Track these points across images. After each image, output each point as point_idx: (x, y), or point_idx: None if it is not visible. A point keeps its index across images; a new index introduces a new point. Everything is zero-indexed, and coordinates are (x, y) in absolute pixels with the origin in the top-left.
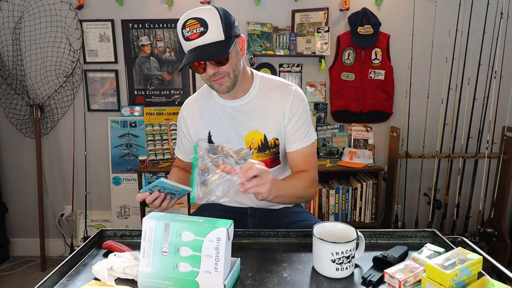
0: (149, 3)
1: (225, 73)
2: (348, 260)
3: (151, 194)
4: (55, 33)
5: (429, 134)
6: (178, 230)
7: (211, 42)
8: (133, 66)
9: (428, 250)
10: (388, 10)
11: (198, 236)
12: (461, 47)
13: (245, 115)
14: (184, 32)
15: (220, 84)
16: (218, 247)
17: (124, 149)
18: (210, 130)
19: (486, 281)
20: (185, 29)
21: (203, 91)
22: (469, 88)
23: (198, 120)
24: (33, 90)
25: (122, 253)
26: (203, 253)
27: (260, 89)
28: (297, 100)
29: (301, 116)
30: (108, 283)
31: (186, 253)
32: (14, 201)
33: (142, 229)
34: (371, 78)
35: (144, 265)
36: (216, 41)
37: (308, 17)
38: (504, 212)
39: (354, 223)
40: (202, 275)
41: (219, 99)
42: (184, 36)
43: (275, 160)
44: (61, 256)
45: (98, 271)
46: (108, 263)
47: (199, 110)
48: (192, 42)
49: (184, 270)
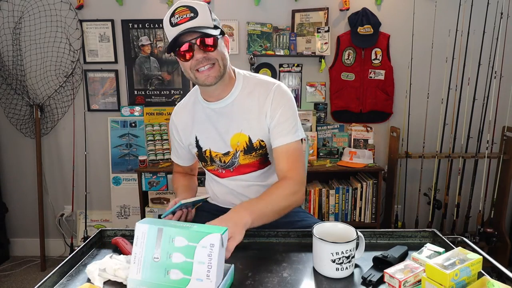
0: (149, 3)
1: (214, 60)
2: (348, 260)
3: (174, 215)
4: (55, 33)
5: (429, 134)
6: (171, 236)
7: (200, 25)
8: (133, 66)
9: (428, 250)
10: (388, 10)
11: (191, 242)
12: (461, 47)
13: (228, 117)
14: (173, 19)
15: (207, 75)
16: (211, 253)
17: (124, 149)
18: (197, 135)
19: (486, 281)
20: (174, 17)
21: (191, 96)
22: (469, 88)
23: (186, 126)
24: (33, 90)
25: (117, 256)
26: (196, 260)
27: (243, 88)
28: (278, 97)
29: (284, 112)
30: (96, 284)
31: (178, 259)
32: (14, 201)
33: (134, 234)
34: (371, 78)
35: (135, 272)
36: (205, 26)
37: (308, 17)
38: (504, 212)
39: (354, 223)
40: (193, 283)
41: (203, 101)
42: (172, 23)
43: (264, 161)
44: (61, 256)
45: (91, 271)
46: (102, 263)
47: (186, 115)
48: (181, 26)
49: (175, 277)
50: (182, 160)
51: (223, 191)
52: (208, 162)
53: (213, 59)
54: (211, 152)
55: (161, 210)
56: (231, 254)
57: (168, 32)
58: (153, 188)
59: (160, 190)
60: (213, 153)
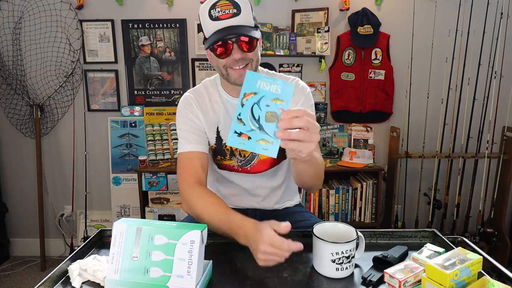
0: (149, 3)
1: (249, 60)
2: (348, 260)
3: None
4: (55, 33)
5: (429, 134)
6: (151, 234)
7: (243, 25)
8: (133, 66)
9: (428, 250)
10: (388, 10)
11: (171, 240)
12: (461, 47)
13: None
14: (213, 12)
15: (241, 75)
16: (192, 250)
17: (124, 149)
18: (219, 125)
19: (486, 281)
20: (215, 9)
21: (206, 85)
22: (469, 88)
23: (207, 113)
24: (33, 90)
25: (99, 256)
26: (176, 257)
27: None
28: (300, 92)
29: (304, 104)
30: (73, 285)
31: (158, 257)
32: (14, 201)
33: (112, 233)
34: (371, 78)
35: (112, 272)
36: (247, 25)
37: (308, 17)
38: (504, 212)
39: (354, 223)
40: (174, 279)
41: (226, 95)
42: (212, 16)
43: (281, 156)
44: (61, 256)
45: (72, 270)
46: (83, 264)
47: (206, 104)
48: (223, 22)
49: (155, 275)
50: (202, 146)
51: (233, 192)
52: (227, 156)
53: (249, 60)
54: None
55: (161, 210)
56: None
57: (206, 25)
58: (153, 188)
59: (160, 190)
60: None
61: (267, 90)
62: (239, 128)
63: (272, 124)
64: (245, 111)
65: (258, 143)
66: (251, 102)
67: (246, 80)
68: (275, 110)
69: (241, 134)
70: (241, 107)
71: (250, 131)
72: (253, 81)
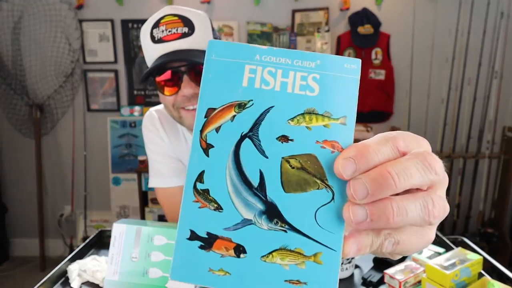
0: (149, 3)
1: None
2: (348, 260)
3: None
4: (54, 33)
5: (430, 134)
6: (150, 235)
7: (196, 48)
8: (133, 66)
9: (428, 250)
10: (388, 10)
11: (170, 240)
12: (461, 47)
13: None
14: (156, 32)
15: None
16: None
17: (124, 149)
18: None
19: (487, 282)
20: (158, 28)
21: (161, 116)
22: (470, 88)
23: (174, 140)
24: (32, 90)
25: (99, 257)
26: None
27: None
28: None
29: None
30: (72, 285)
31: (157, 258)
32: (14, 201)
33: (111, 234)
34: (371, 78)
35: (111, 273)
36: (203, 49)
37: (308, 17)
38: (504, 212)
39: None
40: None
41: (186, 132)
42: (154, 38)
43: None
44: (61, 256)
45: (71, 270)
46: (83, 264)
47: (175, 129)
48: (168, 44)
49: (154, 276)
50: (180, 178)
51: None
52: None
53: None
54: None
55: (161, 210)
56: None
57: (146, 49)
58: (153, 189)
59: None
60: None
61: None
62: (199, 222)
63: (311, 199)
64: (218, 165)
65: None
66: (235, 135)
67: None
68: (312, 150)
69: (209, 238)
70: (204, 155)
71: (238, 226)
72: (232, 60)
